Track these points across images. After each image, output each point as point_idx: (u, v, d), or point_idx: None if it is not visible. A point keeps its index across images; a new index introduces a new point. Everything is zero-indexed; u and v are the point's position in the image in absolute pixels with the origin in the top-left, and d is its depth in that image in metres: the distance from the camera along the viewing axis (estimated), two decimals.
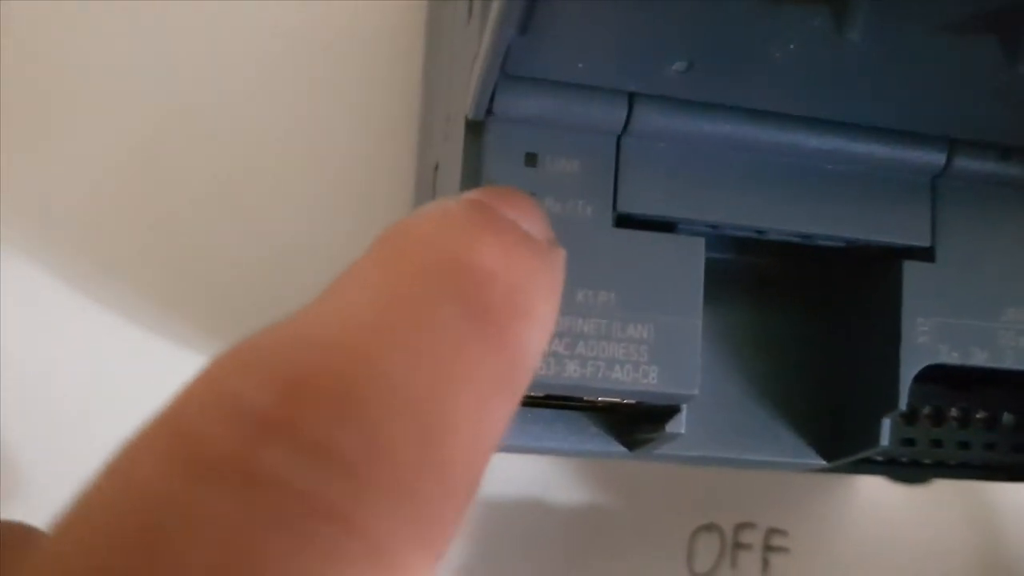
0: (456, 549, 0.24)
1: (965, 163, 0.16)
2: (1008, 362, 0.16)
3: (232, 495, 0.09)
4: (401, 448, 0.10)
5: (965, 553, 0.26)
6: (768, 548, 0.25)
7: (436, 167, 0.18)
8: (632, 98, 0.15)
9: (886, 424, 0.16)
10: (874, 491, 0.26)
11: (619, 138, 0.15)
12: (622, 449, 0.16)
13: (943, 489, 0.26)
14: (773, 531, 0.25)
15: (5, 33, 0.22)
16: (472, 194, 0.13)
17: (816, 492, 0.26)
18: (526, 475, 0.24)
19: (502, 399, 0.11)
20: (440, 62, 0.20)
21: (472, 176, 0.15)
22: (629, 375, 0.14)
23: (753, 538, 0.25)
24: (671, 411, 0.15)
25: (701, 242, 0.15)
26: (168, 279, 0.23)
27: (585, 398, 0.15)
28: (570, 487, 0.24)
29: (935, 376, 0.17)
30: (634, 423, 0.16)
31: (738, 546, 0.25)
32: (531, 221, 0.13)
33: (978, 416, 0.18)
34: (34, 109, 0.22)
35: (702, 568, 0.25)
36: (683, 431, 0.15)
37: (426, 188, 0.20)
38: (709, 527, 0.25)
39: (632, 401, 0.15)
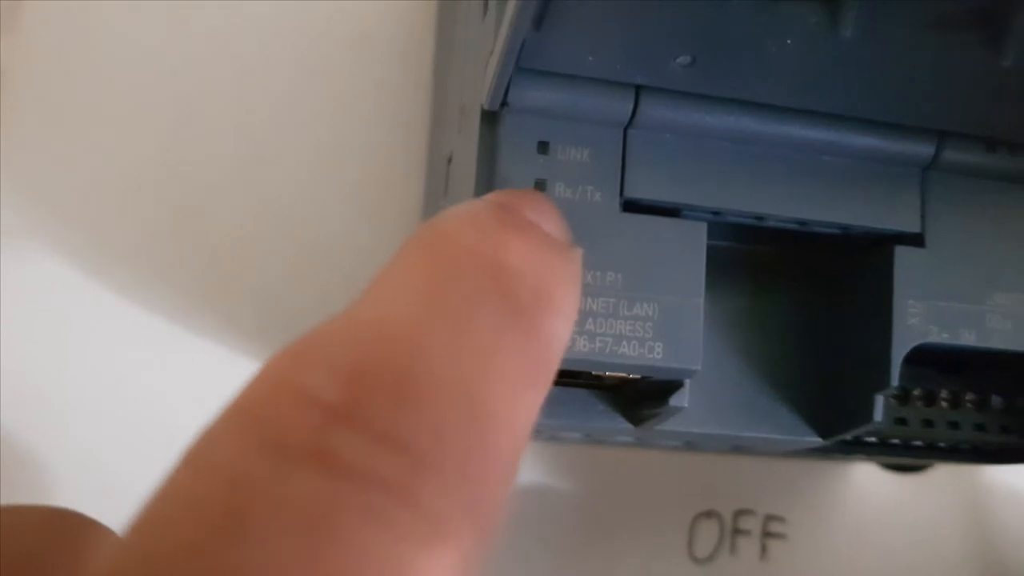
0: None
1: (953, 155, 0.17)
2: (995, 343, 0.17)
3: (309, 477, 0.10)
4: (453, 432, 0.11)
5: (958, 539, 0.26)
6: (766, 534, 0.25)
7: (449, 159, 0.19)
8: (638, 91, 0.15)
9: (879, 401, 0.17)
10: (869, 479, 0.26)
11: (626, 129, 0.16)
12: (627, 425, 0.17)
13: (936, 477, 0.26)
14: (771, 518, 0.26)
15: (24, 24, 0.23)
16: (495, 196, 0.14)
17: (813, 480, 0.26)
18: (530, 461, 0.25)
19: (534, 388, 0.12)
20: (451, 58, 0.20)
21: (487, 164, 0.15)
22: (635, 350, 0.15)
23: (752, 524, 0.25)
24: (674, 387, 0.16)
25: (703, 227, 0.16)
26: (186, 271, 0.23)
27: (593, 373, 0.16)
28: (572, 474, 0.25)
29: (927, 360, 0.18)
30: (639, 401, 0.17)
31: (737, 532, 0.25)
32: (550, 222, 0.14)
33: (968, 399, 0.19)
34: (53, 104, 0.23)
35: (702, 553, 0.25)
36: (686, 404, 0.16)
37: (438, 180, 0.20)
38: (709, 513, 0.25)
39: (638, 376, 0.16)
